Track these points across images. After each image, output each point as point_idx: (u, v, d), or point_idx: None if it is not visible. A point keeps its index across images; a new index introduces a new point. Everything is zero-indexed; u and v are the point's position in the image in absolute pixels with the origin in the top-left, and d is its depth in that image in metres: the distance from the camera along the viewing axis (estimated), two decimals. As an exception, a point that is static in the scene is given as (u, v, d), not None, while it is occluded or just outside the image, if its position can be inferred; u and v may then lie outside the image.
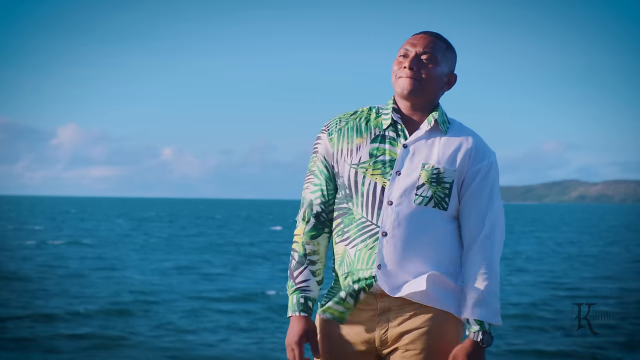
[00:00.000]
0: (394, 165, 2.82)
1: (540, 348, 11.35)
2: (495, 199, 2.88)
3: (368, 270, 2.79)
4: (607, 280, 20.71)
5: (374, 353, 2.86)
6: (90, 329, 12.08)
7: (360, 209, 2.82)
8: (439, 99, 2.93)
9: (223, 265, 24.84)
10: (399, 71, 2.85)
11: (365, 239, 2.80)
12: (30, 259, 24.56)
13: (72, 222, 57.38)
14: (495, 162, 2.91)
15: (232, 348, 10.89)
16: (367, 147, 2.85)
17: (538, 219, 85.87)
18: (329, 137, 2.90)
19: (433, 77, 2.84)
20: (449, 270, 2.82)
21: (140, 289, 17.24)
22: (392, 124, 2.86)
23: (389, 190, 2.80)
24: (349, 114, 2.93)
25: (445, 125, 2.88)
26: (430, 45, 2.85)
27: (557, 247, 35.86)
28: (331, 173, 2.89)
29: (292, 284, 2.87)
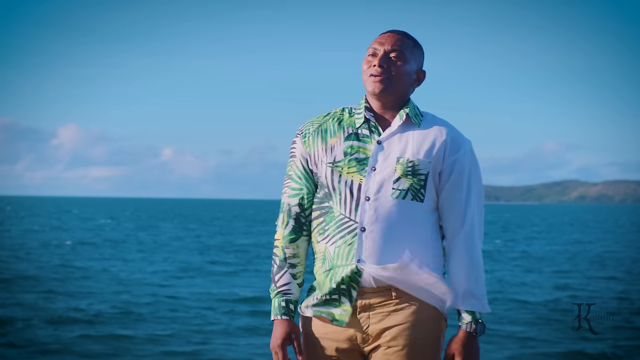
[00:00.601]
0: (368, 162, 2.85)
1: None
2: (474, 188, 2.88)
3: (348, 266, 2.82)
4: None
5: (357, 350, 2.88)
6: (105, 331, 12.05)
7: (339, 206, 2.85)
8: (410, 95, 2.95)
9: (236, 264, 24.86)
10: (368, 70, 2.88)
11: (344, 235, 2.83)
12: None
13: (76, 222, 57.37)
14: (471, 150, 2.91)
15: (247, 352, 10.88)
16: (342, 146, 2.87)
17: (555, 220, 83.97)
18: (302, 140, 2.94)
19: (403, 74, 2.87)
20: (428, 263, 2.83)
21: (153, 291, 17.16)
22: (365, 122, 2.89)
23: (365, 186, 2.82)
24: (322, 116, 2.96)
25: (418, 118, 2.90)
26: (398, 43, 2.88)
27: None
28: (309, 176, 2.92)
29: (274, 288, 2.91)
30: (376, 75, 2.86)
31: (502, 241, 40.45)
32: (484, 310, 2.81)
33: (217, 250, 31.99)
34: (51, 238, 36.56)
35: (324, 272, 2.87)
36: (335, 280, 2.83)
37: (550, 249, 34.90)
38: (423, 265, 2.81)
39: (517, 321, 13.63)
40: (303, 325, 2.95)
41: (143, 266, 23.78)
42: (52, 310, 13.78)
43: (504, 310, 14.88)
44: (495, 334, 12.18)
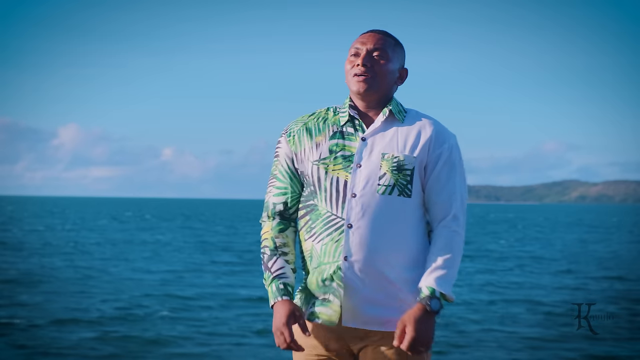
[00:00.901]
0: (354, 159, 2.85)
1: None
2: (459, 181, 2.89)
3: (335, 262, 2.81)
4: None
5: (346, 349, 2.89)
6: (120, 332, 12.00)
7: (325, 204, 2.85)
8: (394, 94, 2.96)
9: (242, 264, 24.85)
10: (352, 70, 2.90)
11: (330, 232, 2.83)
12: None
13: (80, 222, 57.33)
14: (456, 144, 2.92)
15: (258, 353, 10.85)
16: (327, 144, 2.88)
17: (571, 221, 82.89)
18: (287, 139, 2.95)
19: (386, 72, 2.89)
20: (416, 259, 2.83)
21: (167, 292, 17.03)
22: (349, 120, 2.91)
23: (351, 183, 2.83)
24: (307, 116, 2.98)
25: (402, 114, 2.91)
26: (380, 42, 2.90)
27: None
28: (294, 175, 2.94)
29: (269, 275, 2.89)
30: (360, 75, 2.87)
31: (512, 241, 40.43)
32: (444, 290, 2.76)
33: (224, 250, 31.87)
34: (54, 238, 36.57)
35: (312, 269, 2.87)
36: (323, 277, 2.83)
37: (563, 248, 34.89)
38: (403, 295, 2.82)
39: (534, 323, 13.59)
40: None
41: (154, 266, 23.69)
42: (58, 311, 13.74)
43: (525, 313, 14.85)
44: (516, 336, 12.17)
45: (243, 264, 25.29)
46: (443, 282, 2.77)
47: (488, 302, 16.02)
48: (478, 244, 36.79)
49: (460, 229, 2.86)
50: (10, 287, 17.16)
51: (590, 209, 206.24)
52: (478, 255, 29.81)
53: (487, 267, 24.55)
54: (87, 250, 29.76)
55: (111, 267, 23.01)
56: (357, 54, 2.90)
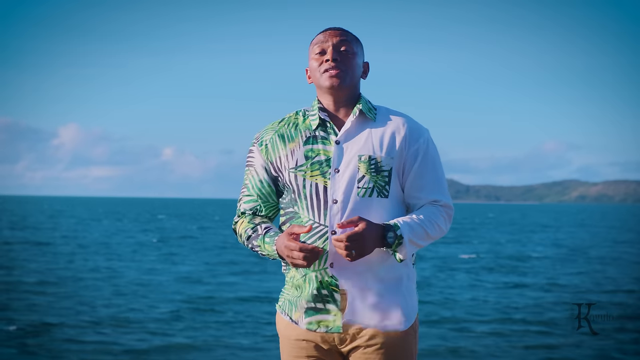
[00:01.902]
0: (331, 164, 2.83)
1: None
2: (440, 174, 2.89)
3: (322, 270, 2.80)
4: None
5: (336, 350, 2.88)
6: (137, 336, 11.91)
7: (306, 211, 2.82)
8: (359, 88, 2.94)
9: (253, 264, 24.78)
10: (321, 67, 2.86)
11: (314, 240, 2.79)
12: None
13: (86, 223, 57.31)
14: (430, 137, 2.91)
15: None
16: (301, 150, 2.85)
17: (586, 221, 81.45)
18: (259, 148, 2.93)
19: (355, 66, 2.87)
20: (395, 261, 2.81)
21: (186, 296, 16.70)
22: (320, 123, 2.87)
23: (331, 189, 2.80)
24: (276, 122, 2.95)
25: (372, 112, 2.89)
26: (344, 37, 2.88)
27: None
28: (266, 185, 2.91)
29: (260, 236, 2.85)
30: (331, 70, 2.84)
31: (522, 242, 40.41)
32: (405, 236, 2.72)
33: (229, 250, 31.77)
34: (60, 238, 36.60)
35: (300, 277, 2.86)
36: (315, 286, 2.82)
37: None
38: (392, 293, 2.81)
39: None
40: (281, 326, 2.95)
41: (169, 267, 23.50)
42: (79, 314, 13.60)
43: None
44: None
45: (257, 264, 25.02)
46: (409, 231, 2.74)
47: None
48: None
49: (447, 214, 2.86)
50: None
51: (590, 208, 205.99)
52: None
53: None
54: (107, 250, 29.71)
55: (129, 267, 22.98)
56: (324, 51, 2.86)
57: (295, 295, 2.89)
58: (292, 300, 2.90)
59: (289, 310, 2.91)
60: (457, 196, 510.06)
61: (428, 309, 14.80)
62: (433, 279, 20.78)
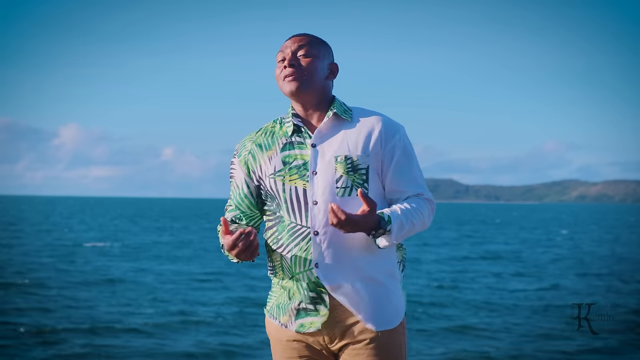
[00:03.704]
0: (308, 167, 2.86)
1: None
2: (417, 168, 2.92)
3: (308, 271, 2.84)
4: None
5: (327, 349, 2.92)
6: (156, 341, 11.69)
7: (288, 214, 2.87)
8: (331, 90, 2.97)
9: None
10: (281, 74, 2.90)
11: (298, 242, 2.85)
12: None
13: (90, 223, 57.32)
14: (405, 133, 2.93)
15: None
16: (279, 157, 2.90)
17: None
18: (238, 159, 2.99)
19: (314, 69, 2.89)
20: (385, 252, 2.86)
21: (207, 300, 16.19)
22: (295, 129, 2.91)
23: (310, 190, 2.84)
24: (254, 133, 3.00)
25: (348, 114, 2.92)
26: (303, 41, 2.92)
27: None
28: (249, 196, 2.97)
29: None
30: (289, 75, 2.88)
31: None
32: (394, 230, 2.75)
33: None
34: (65, 239, 36.60)
35: (288, 279, 2.90)
36: (304, 288, 2.86)
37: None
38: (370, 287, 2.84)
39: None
40: (271, 329, 2.99)
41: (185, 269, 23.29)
42: (91, 319, 13.39)
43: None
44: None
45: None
46: (398, 229, 2.76)
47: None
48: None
49: (430, 208, 2.89)
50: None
51: (590, 208, 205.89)
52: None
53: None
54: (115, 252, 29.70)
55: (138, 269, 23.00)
56: (283, 59, 2.91)
57: (283, 299, 2.93)
58: (280, 304, 2.94)
59: (277, 314, 2.95)
60: (456, 196, 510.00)
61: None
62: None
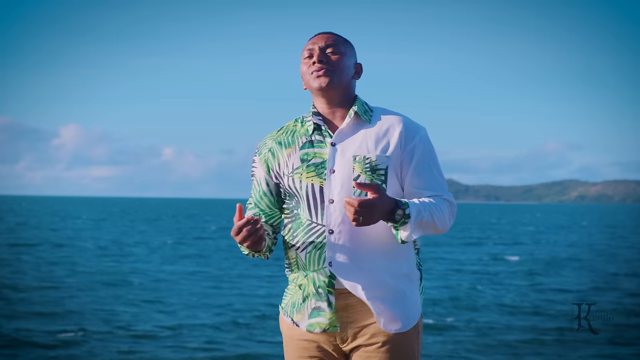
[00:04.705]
0: (326, 165, 2.86)
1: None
2: (437, 171, 2.90)
3: (321, 269, 2.85)
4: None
5: (338, 350, 2.91)
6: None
7: (304, 212, 2.87)
8: (355, 89, 2.98)
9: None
10: (309, 69, 2.91)
11: (313, 240, 2.85)
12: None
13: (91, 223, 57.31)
14: (427, 135, 2.92)
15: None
16: (297, 154, 2.90)
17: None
18: (259, 157, 3.00)
19: (343, 67, 2.91)
20: (400, 255, 2.86)
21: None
22: (316, 128, 2.92)
23: (327, 189, 2.84)
24: (275, 132, 3.01)
25: (368, 114, 2.92)
26: (331, 39, 2.93)
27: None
28: (270, 194, 2.98)
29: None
30: (319, 71, 2.89)
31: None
32: (412, 216, 2.72)
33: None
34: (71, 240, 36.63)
35: (303, 277, 2.90)
36: (314, 286, 2.86)
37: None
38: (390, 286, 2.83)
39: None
40: (285, 326, 3.00)
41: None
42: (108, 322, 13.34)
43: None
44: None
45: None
46: (417, 213, 2.74)
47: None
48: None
49: (451, 210, 2.86)
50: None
51: (591, 208, 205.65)
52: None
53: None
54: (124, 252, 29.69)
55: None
56: (311, 54, 2.93)
57: (297, 297, 2.93)
58: (294, 302, 2.95)
59: (290, 312, 2.96)
60: (456, 196, 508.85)
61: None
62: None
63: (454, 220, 2.90)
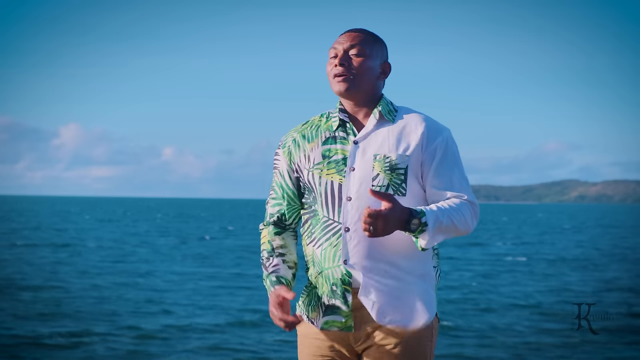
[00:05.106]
0: (347, 162, 2.85)
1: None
2: (461, 173, 2.86)
3: (336, 267, 2.84)
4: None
5: (351, 350, 2.91)
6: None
7: (322, 208, 2.87)
8: (381, 89, 2.95)
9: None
10: (332, 71, 2.89)
11: (329, 237, 2.85)
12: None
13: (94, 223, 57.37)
14: (450, 136, 2.89)
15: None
16: (319, 150, 2.90)
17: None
18: (283, 150, 2.98)
19: (365, 70, 2.87)
20: (416, 255, 2.85)
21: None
22: (341, 124, 2.91)
23: (346, 186, 2.83)
24: (300, 125, 2.99)
25: (392, 114, 2.90)
26: (357, 39, 2.88)
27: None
28: (290, 187, 2.97)
29: (266, 273, 2.95)
30: (339, 75, 2.87)
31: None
32: (430, 223, 2.70)
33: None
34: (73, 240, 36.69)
35: (316, 275, 2.90)
36: (329, 283, 2.86)
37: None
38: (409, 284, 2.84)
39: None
40: (300, 325, 2.99)
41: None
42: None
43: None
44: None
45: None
46: (434, 219, 2.72)
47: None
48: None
49: (473, 211, 2.83)
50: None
51: (593, 208, 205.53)
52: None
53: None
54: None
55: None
56: (336, 55, 2.90)
57: (313, 295, 2.94)
58: (310, 299, 2.95)
59: (306, 309, 2.97)
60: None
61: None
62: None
63: (477, 220, 2.86)
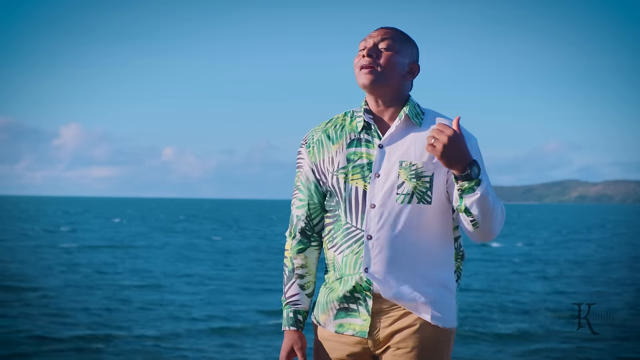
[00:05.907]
0: (372, 168, 2.80)
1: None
2: (488, 179, 2.74)
3: (357, 274, 2.80)
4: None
5: (368, 354, 2.87)
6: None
7: (345, 214, 2.82)
8: (408, 90, 2.87)
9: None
10: (358, 63, 2.80)
11: (350, 244, 2.80)
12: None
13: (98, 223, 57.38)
14: (476, 145, 2.81)
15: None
16: (344, 152, 2.83)
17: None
18: (307, 149, 2.91)
19: (393, 64, 2.79)
20: (440, 265, 2.83)
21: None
22: (365, 125, 2.83)
23: (370, 193, 2.78)
24: (324, 123, 2.92)
25: (419, 117, 2.83)
26: (388, 34, 2.82)
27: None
28: (316, 186, 2.90)
29: (284, 299, 2.94)
30: (365, 66, 2.79)
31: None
32: (483, 183, 2.65)
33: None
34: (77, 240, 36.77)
35: (335, 279, 2.87)
36: (348, 288, 2.83)
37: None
38: (426, 291, 2.81)
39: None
40: (314, 328, 2.97)
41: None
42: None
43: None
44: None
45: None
46: (487, 185, 2.67)
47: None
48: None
49: (502, 211, 2.76)
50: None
51: (593, 208, 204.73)
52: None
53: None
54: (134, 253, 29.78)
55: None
56: (365, 47, 2.83)
57: (325, 297, 2.91)
58: (322, 302, 2.93)
59: (316, 313, 2.96)
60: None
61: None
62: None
63: (503, 222, 2.80)
